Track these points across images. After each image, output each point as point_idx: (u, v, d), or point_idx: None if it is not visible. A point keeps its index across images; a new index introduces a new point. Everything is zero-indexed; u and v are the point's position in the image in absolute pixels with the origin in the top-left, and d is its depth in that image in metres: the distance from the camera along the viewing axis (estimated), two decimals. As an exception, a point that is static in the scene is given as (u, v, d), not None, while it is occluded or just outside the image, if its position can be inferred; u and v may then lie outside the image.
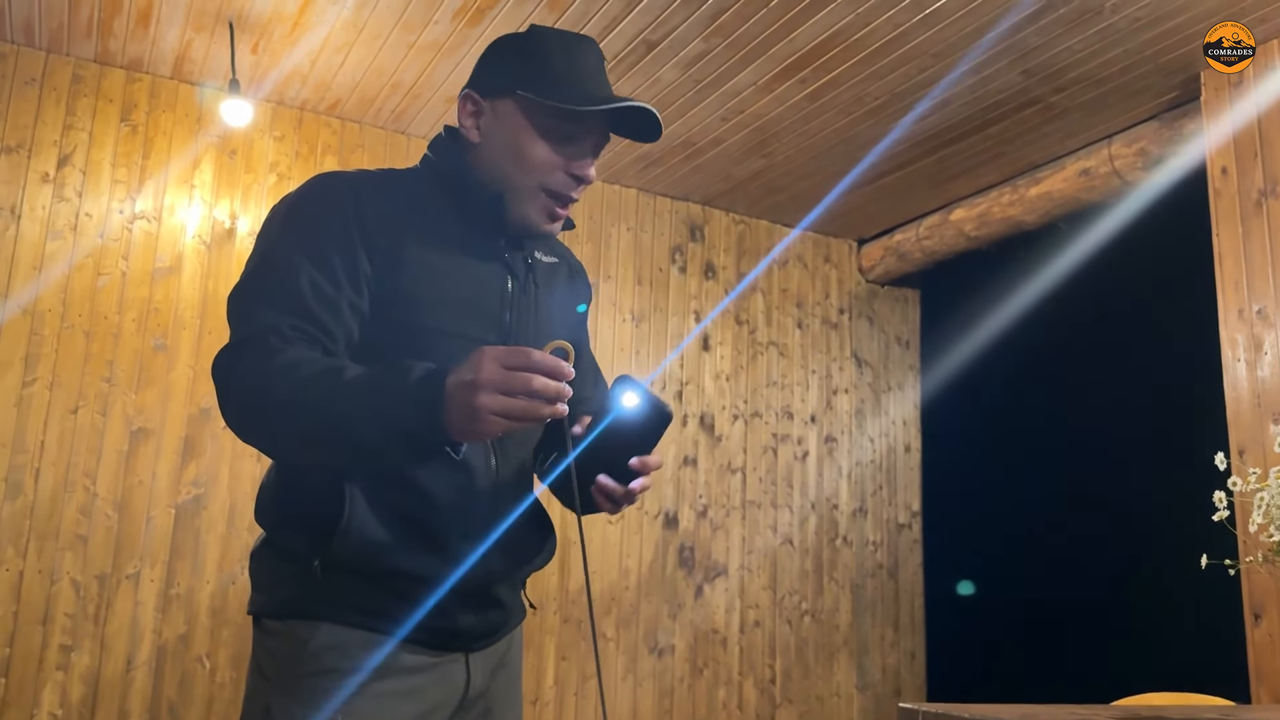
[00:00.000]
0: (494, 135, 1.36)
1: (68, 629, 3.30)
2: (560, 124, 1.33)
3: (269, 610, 1.33)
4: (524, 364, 1.07)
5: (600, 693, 1.51)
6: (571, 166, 1.35)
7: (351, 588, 1.29)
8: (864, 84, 3.53)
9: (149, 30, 3.40)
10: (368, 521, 1.27)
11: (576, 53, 1.35)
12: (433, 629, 1.32)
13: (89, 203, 3.54)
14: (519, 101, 1.34)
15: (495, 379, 1.06)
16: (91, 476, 3.40)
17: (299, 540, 1.30)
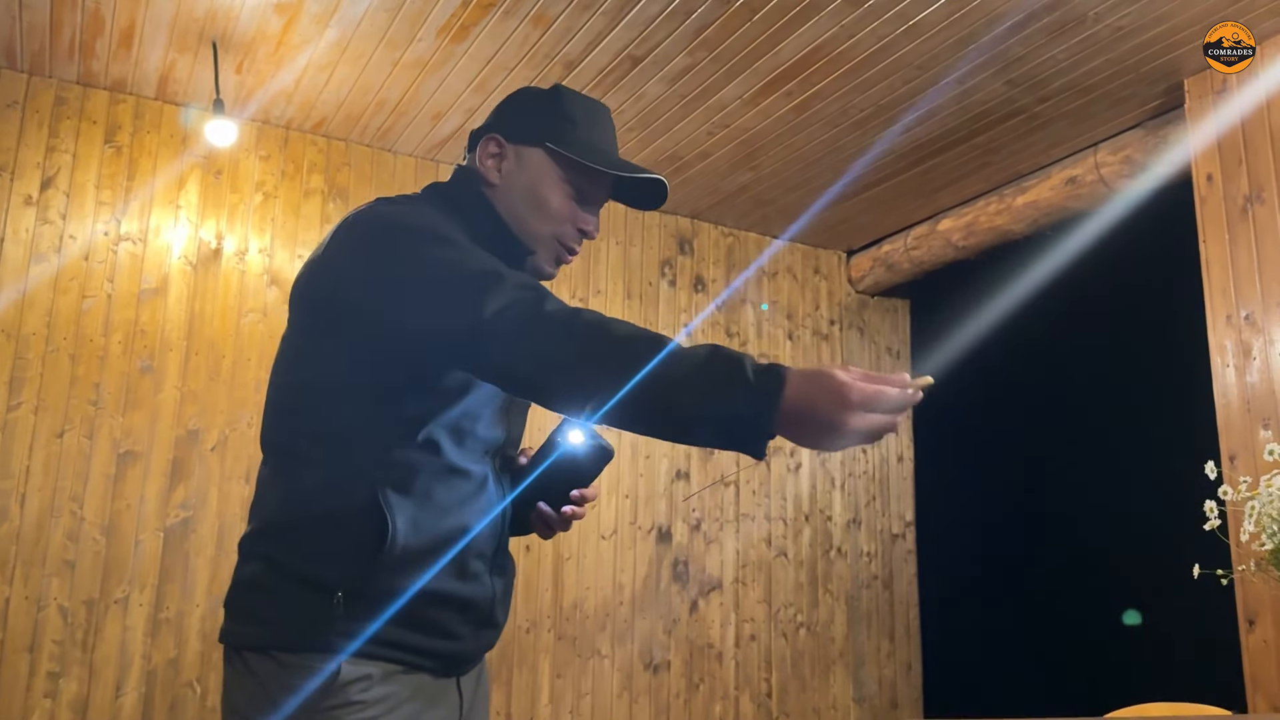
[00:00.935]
0: (515, 180, 1.45)
1: (55, 656, 3.27)
2: (579, 180, 1.44)
3: (281, 643, 1.29)
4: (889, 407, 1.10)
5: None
6: (579, 221, 1.46)
7: (373, 618, 1.29)
8: (849, 96, 3.54)
9: (132, 51, 3.39)
10: (410, 544, 1.29)
11: (598, 119, 1.48)
12: (445, 654, 1.35)
13: (73, 225, 3.52)
14: (547, 153, 1.44)
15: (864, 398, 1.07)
16: (78, 501, 3.37)
17: (328, 569, 1.28)
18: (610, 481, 4.26)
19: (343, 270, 1.32)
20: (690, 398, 1.10)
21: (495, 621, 1.43)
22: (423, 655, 1.33)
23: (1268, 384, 3.02)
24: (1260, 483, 1.28)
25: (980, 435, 4.62)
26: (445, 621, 1.34)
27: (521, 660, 3.95)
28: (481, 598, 1.37)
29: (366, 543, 1.27)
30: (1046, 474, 4.28)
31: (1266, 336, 3.04)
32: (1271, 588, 2.64)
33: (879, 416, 1.09)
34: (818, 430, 1.08)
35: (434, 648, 1.33)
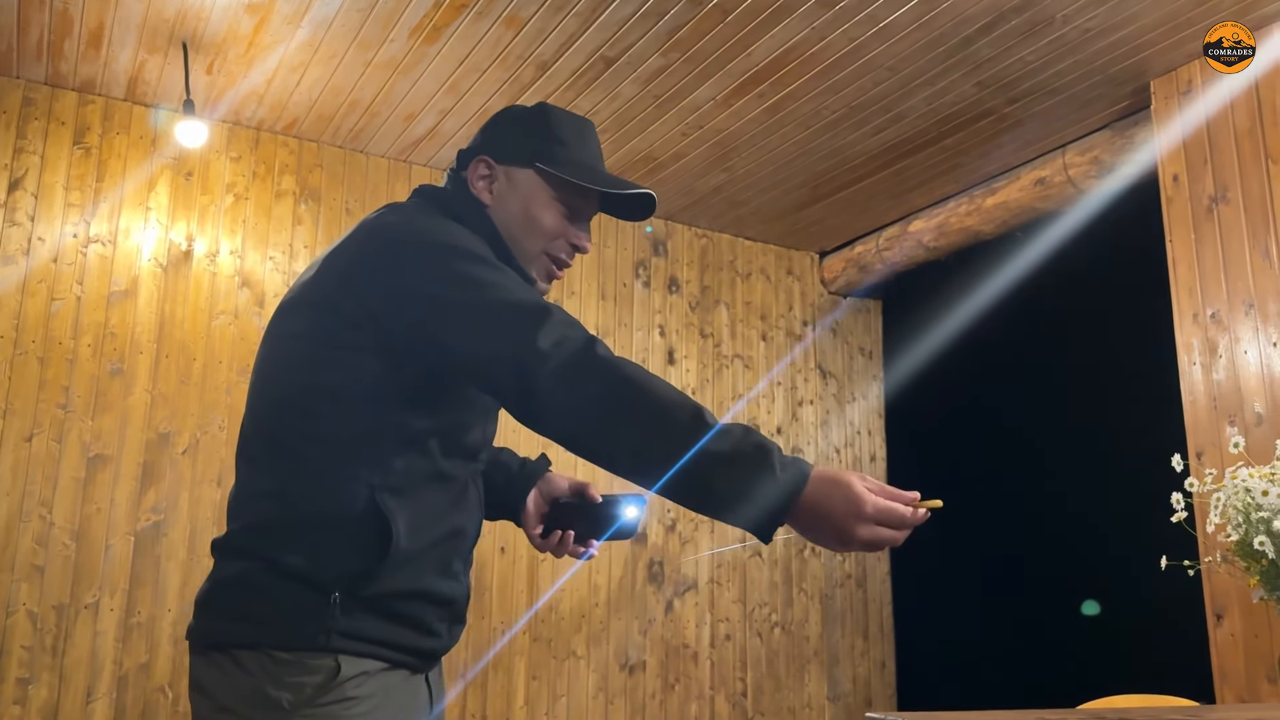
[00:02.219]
0: (507, 199, 1.47)
1: (25, 661, 3.23)
2: (570, 198, 1.47)
3: (276, 642, 1.29)
4: (904, 526, 1.17)
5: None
6: (571, 236, 1.49)
7: (368, 620, 1.32)
8: (821, 97, 3.56)
9: (101, 52, 3.36)
10: (411, 548, 1.32)
11: (585, 136, 1.52)
12: (425, 651, 1.40)
13: (41, 227, 3.49)
14: (538, 173, 1.47)
15: (876, 512, 1.15)
16: (48, 505, 3.34)
17: (327, 570, 1.29)
18: (585, 482, 4.25)
19: (370, 281, 1.32)
20: (724, 480, 1.16)
21: (465, 618, 1.49)
22: (406, 652, 1.36)
23: (1233, 381, 3.07)
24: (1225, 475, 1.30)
25: (952, 434, 4.66)
26: (430, 619, 1.38)
27: (497, 662, 3.95)
28: (460, 596, 1.44)
29: (368, 545, 1.30)
30: (1018, 472, 4.32)
31: (1232, 335, 3.09)
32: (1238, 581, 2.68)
33: (887, 531, 1.16)
34: (828, 533, 1.16)
35: (418, 645, 1.38)
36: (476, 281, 1.28)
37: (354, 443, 1.33)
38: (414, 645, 1.37)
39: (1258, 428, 2.97)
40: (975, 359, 4.33)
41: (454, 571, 1.42)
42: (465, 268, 1.30)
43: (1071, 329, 4.15)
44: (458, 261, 1.30)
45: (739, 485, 1.15)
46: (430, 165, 4.11)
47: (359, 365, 1.32)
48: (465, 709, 3.85)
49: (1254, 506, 1.27)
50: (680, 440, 1.16)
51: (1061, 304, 4.10)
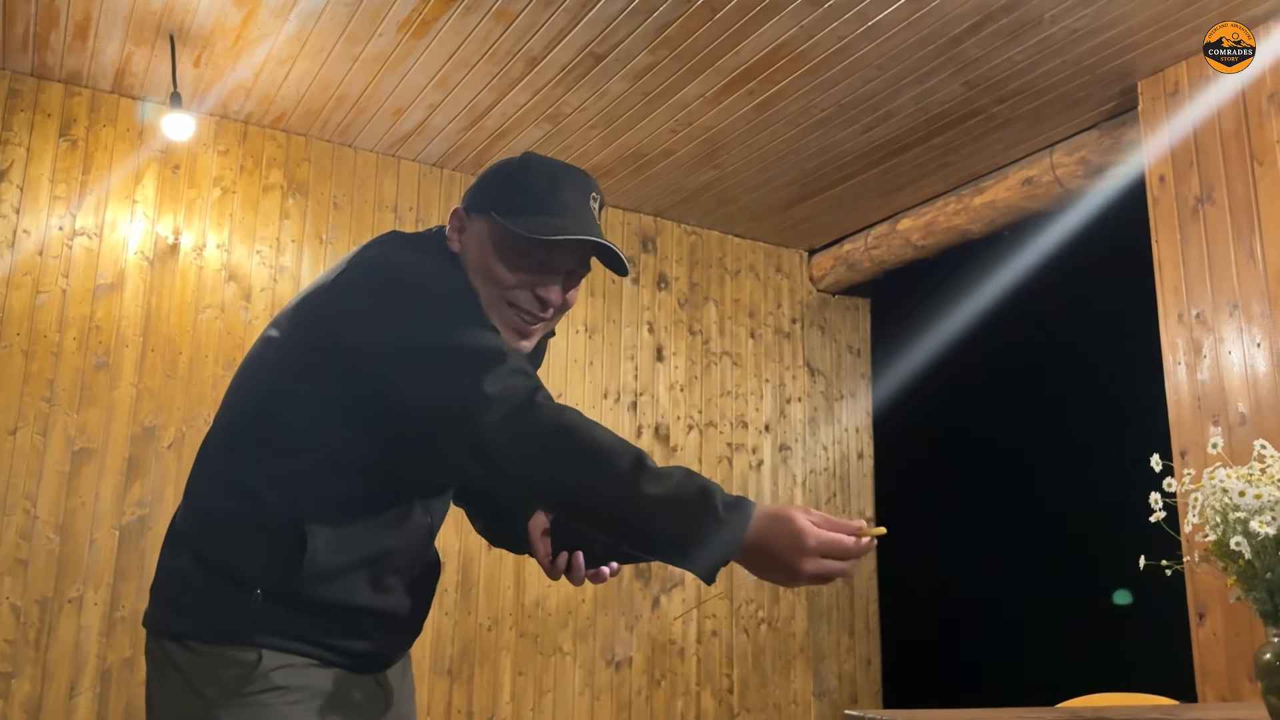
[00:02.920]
0: (469, 249, 1.44)
1: (7, 655, 3.22)
2: (526, 248, 1.39)
3: (199, 633, 1.33)
4: (848, 555, 1.18)
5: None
6: (537, 289, 1.41)
7: (292, 618, 1.34)
8: (810, 96, 3.56)
9: (87, 43, 3.34)
10: (328, 561, 1.33)
11: (560, 183, 1.42)
12: (365, 655, 1.42)
13: (27, 219, 3.47)
14: (490, 223, 1.42)
15: (817, 569, 1.17)
16: (32, 499, 3.33)
17: (249, 569, 1.33)
18: (572, 479, 4.26)
19: (345, 310, 1.35)
20: (667, 524, 1.17)
21: (412, 627, 1.50)
22: (335, 652, 1.38)
23: (1217, 381, 3.08)
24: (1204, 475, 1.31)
25: (939, 432, 4.67)
26: (360, 627, 1.40)
27: (483, 658, 3.95)
28: (396, 609, 1.44)
29: (285, 556, 1.32)
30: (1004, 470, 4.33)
31: (1216, 335, 3.10)
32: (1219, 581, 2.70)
33: (834, 563, 1.17)
34: (775, 570, 1.17)
35: (349, 648, 1.39)
36: (435, 321, 1.30)
37: (295, 454, 1.35)
38: (343, 647, 1.38)
39: (1241, 427, 2.99)
40: (963, 357, 4.35)
41: (387, 586, 1.42)
42: (428, 306, 1.32)
43: (1058, 328, 4.17)
44: (422, 299, 1.32)
45: (683, 529, 1.16)
46: (419, 160, 4.11)
47: (316, 383, 1.35)
48: (451, 704, 3.85)
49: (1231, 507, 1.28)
50: (621, 484, 1.17)
51: (1048, 303, 4.11)
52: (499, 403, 1.21)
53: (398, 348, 1.29)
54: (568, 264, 1.43)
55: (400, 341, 1.29)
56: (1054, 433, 4.13)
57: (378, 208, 4.03)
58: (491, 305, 1.41)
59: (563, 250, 1.41)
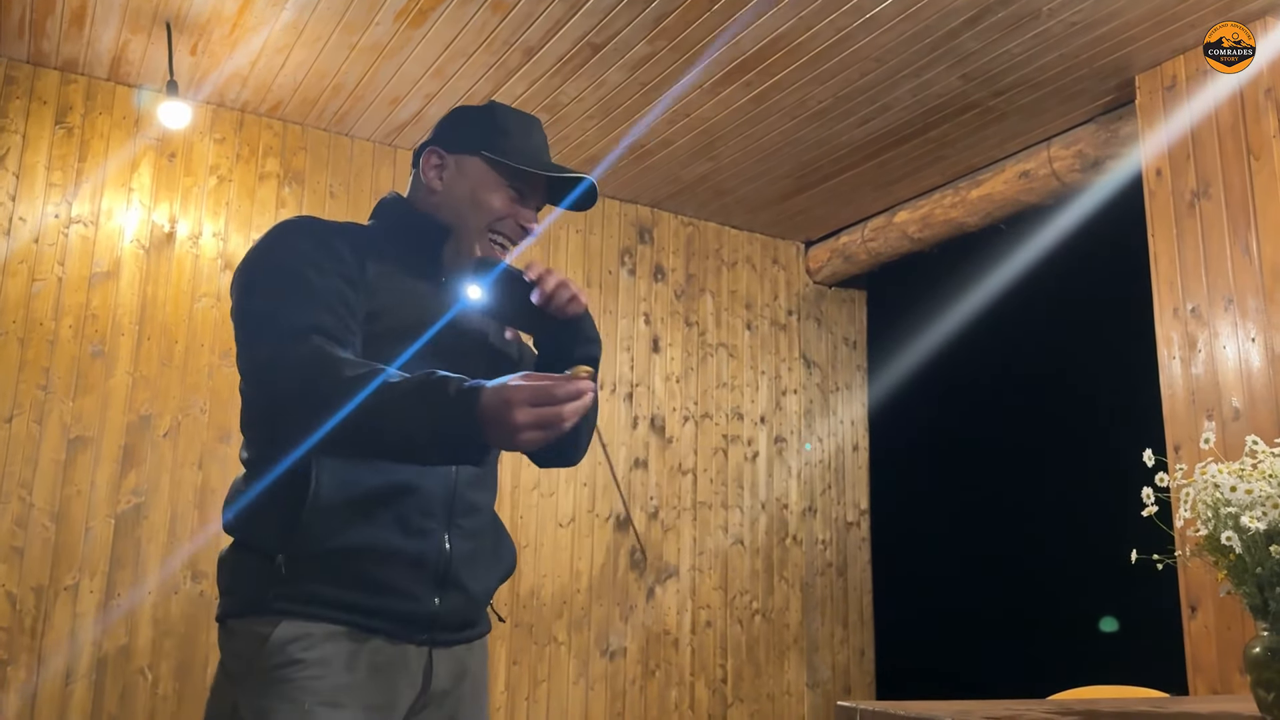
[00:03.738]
0: (456, 185, 1.59)
1: (3, 642, 3.22)
2: (514, 183, 1.58)
3: (233, 611, 1.39)
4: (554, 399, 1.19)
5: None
6: (520, 218, 1.59)
7: (316, 578, 1.35)
8: (807, 87, 3.56)
9: (84, 31, 3.33)
10: (334, 497, 1.35)
11: (530, 131, 1.63)
12: (398, 614, 1.39)
13: (23, 206, 3.47)
14: (480, 159, 1.58)
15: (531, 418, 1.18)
16: (27, 487, 3.33)
17: (266, 534, 1.36)
18: (568, 470, 4.27)
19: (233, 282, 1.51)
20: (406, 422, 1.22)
21: (460, 584, 1.45)
22: (373, 616, 1.37)
23: (1212, 376, 3.09)
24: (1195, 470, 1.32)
25: (934, 425, 4.68)
26: (393, 579, 1.39)
27: (478, 647, 3.96)
28: (432, 555, 1.42)
29: (293, 502, 1.34)
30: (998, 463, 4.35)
31: (1211, 329, 3.11)
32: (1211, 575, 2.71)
33: (546, 409, 1.18)
34: (501, 431, 1.18)
35: (384, 607, 1.38)
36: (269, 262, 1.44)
37: (270, 414, 1.42)
38: (379, 608, 1.37)
39: (1235, 422, 3.00)
40: (958, 350, 4.36)
41: (419, 529, 1.41)
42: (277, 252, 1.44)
43: (1054, 322, 4.18)
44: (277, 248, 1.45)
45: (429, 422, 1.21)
46: (415, 149, 4.09)
47: None
48: (446, 693, 3.86)
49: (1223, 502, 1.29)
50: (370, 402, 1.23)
51: (1044, 297, 4.12)
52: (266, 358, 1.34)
53: (234, 316, 1.46)
54: (538, 198, 1.62)
55: (235, 310, 1.46)
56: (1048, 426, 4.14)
57: (374, 196, 4.02)
58: (474, 233, 1.56)
59: (539, 184, 1.60)
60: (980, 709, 1.27)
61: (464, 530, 1.46)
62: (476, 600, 1.51)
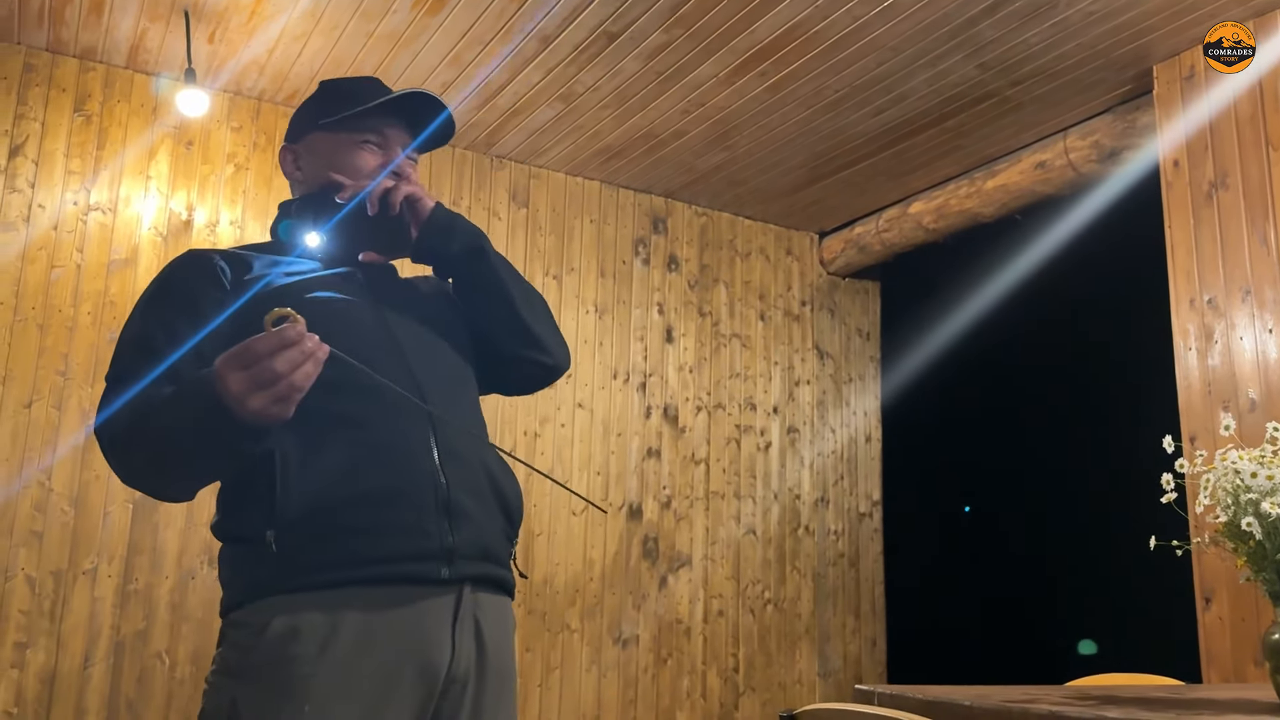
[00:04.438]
0: (312, 168, 1.60)
1: (23, 626, 3.25)
2: (363, 136, 1.56)
3: (232, 603, 1.34)
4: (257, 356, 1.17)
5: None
6: (385, 163, 1.57)
7: (313, 542, 1.29)
8: (823, 77, 3.56)
9: (102, 19, 3.35)
10: (308, 459, 1.31)
11: (359, 86, 1.62)
12: (410, 552, 1.32)
13: (42, 194, 3.49)
14: (321, 131, 1.59)
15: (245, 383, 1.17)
16: (47, 471, 3.35)
17: (249, 519, 1.31)
18: (581, 459, 4.29)
19: None
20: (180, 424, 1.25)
21: (465, 514, 1.36)
22: (380, 563, 1.30)
23: (1228, 367, 3.08)
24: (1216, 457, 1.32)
25: (948, 416, 4.68)
26: (394, 518, 1.32)
27: (491, 634, 3.97)
28: (429, 486, 1.35)
29: (267, 480, 1.30)
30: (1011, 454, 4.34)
31: (1228, 321, 3.10)
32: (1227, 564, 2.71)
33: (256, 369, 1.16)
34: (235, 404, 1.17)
35: (391, 547, 1.31)
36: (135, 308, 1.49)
37: None
38: (378, 552, 1.30)
39: (1251, 414, 2.99)
40: (973, 341, 4.35)
41: (404, 469, 1.35)
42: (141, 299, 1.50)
43: (1069, 313, 4.17)
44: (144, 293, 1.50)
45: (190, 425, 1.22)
46: (431, 138, 4.10)
47: None
48: (459, 680, 3.88)
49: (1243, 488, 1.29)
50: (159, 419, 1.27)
51: (1060, 288, 4.11)
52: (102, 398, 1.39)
53: None
54: (394, 143, 1.58)
55: None
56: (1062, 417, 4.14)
57: (390, 186, 4.03)
58: (353, 196, 1.53)
59: (383, 125, 1.57)
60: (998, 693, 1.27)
61: (456, 456, 1.40)
62: (490, 530, 1.41)
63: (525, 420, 4.18)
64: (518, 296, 1.60)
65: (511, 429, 4.14)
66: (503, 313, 1.59)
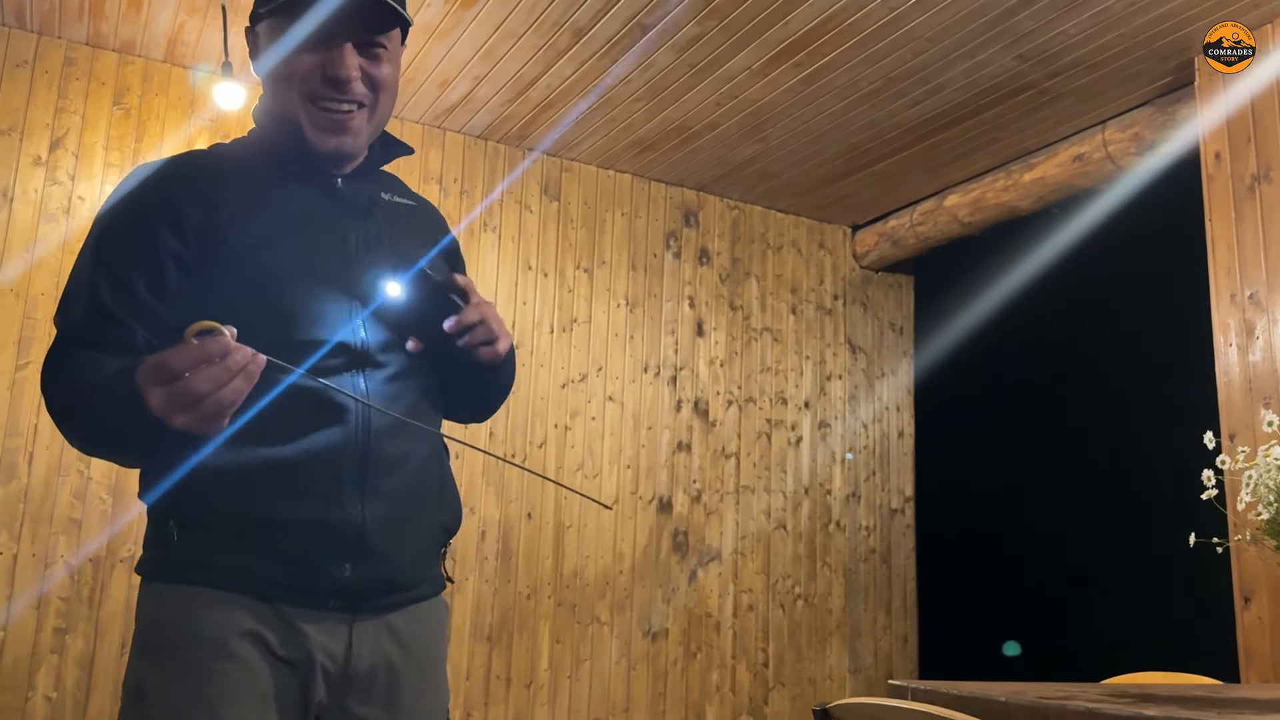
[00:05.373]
0: (266, 65, 1.36)
1: (62, 612, 3.30)
2: (297, 26, 1.30)
3: (142, 571, 1.33)
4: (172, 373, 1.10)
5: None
6: (326, 70, 1.32)
7: (211, 546, 1.26)
8: (858, 68, 3.53)
9: (141, 13, 3.38)
10: (226, 463, 1.24)
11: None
12: (302, 585, 1.27)
13: (81, 186, 3.53)
14: (264, 24, 1.36)
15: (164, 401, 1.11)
16: (85, 460, 3.40)
17: (159, 500, 1.28)
18: (612, 452, 4.29)
19: None
20: (107, 420, 1.20)
21: (377, 552, 1.29)
22: (271, 584, 1.26)
23: (1270, 363, 3.03)
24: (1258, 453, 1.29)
25: (981, 412, 4.64)
26: (293, 547, 1.26)
27: (522, 625, 3.99)
28: (339, 523, 1.27)
29: (181, 467, 1.25)
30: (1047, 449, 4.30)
31: (1270, 316, 3.05)
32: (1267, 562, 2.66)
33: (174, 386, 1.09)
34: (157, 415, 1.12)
35: (284, 576, 1.26)
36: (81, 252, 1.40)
37: None
38: (273, 575, 1.26)
39: (1293, 410, 2.93)
40: (1008, 337, 4.31)
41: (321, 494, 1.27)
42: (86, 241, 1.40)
43: (1107, 308, 4.12)
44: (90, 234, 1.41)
45: (126, 421, 1.16)
46: (464, 132, 4.12)
47: None
48: (490, 670, 3.91)
49: (1286, 485, 1.26)
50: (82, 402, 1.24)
51: (1097, 283, 4.06)
52: (47, 354, 1.32)
53: None
54: (346, 32, 1.32)
55: None
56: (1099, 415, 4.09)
57: (423, 179, 4.05)
58: (300, 112, 1.33)
59: (331, 20, 1.29)
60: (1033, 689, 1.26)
61: (383, 492, 1.30)
62: (403, 565, 1.33)
63: (556, 414, 4.19)
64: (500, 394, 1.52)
65: (542, 422, 4.15)
66: (474, 397, 1.51)
